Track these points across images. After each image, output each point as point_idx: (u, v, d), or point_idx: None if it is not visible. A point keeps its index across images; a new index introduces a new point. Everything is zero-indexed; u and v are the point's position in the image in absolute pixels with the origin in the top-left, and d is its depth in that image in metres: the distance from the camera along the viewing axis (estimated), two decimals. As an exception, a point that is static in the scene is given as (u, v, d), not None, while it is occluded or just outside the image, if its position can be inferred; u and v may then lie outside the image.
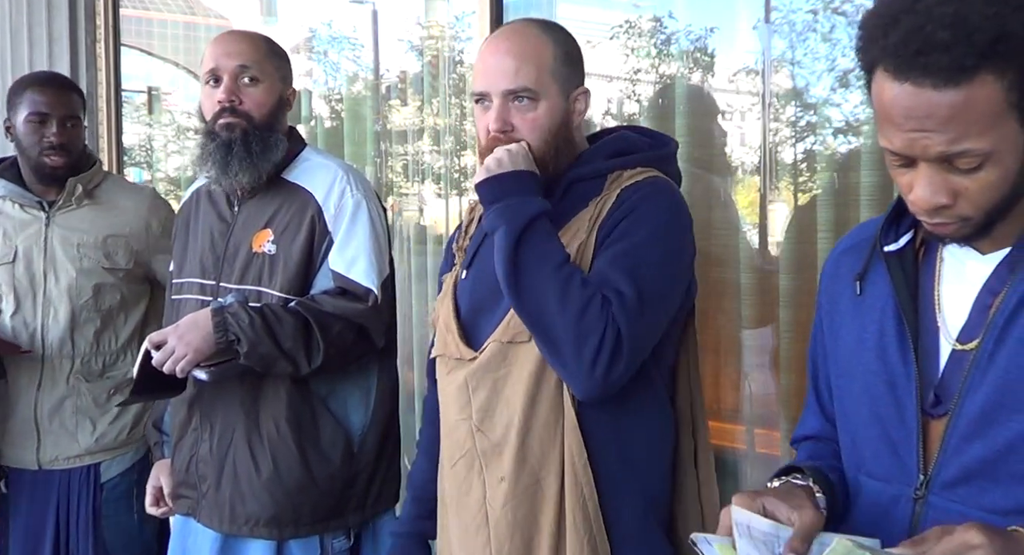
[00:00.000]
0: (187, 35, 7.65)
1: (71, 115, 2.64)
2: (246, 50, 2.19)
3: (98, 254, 2.64)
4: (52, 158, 2.61)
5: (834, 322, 1.37)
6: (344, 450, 2.22)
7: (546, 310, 1.55)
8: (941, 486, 1.18)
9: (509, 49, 1.68)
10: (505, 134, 1.67)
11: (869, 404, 1.28)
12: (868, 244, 1.32)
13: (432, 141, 3.90)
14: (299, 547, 2.23)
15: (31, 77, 2.75)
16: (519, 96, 1.66)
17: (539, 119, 1.67)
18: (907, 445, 1.22)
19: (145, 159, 5.60)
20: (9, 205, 2.68)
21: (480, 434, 1.69)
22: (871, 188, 2.30)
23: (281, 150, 2.20)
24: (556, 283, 1.55)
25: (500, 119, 1.67)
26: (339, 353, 2.13)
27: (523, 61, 1.66)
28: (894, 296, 1.25)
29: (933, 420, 1.20)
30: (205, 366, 2.10)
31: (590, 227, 1.65)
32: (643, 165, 1.73)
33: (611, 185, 1.69)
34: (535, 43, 1.68)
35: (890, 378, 1.24)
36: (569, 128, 1.72)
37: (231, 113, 2.16)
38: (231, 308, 2.10)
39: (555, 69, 1.68)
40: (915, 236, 1.29)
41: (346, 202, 2.19)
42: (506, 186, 1.62)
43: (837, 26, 2.48)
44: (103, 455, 2.68)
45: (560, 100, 1.70)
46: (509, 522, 1.65)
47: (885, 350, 1.26)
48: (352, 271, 2.15)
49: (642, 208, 1.64)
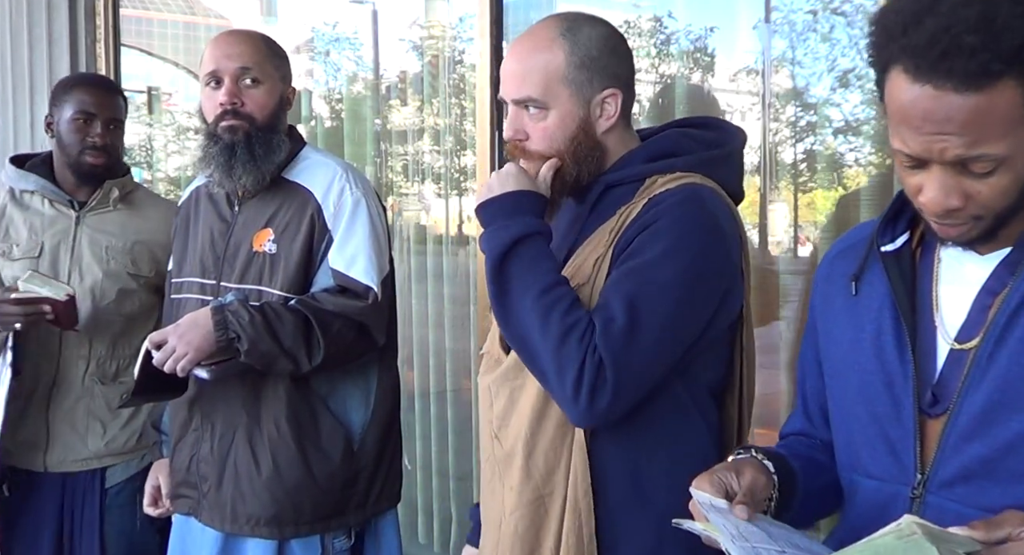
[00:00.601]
0: (187, 35, 7.65)
1: (115, 118, 2.66)
2: (247, 51, 2.19)
3: (125, 259, 2.64)
4: (93, 157, 2.62)
5: (828, 323, 1.36)
6: (344, 449, 2.22)
7: (528, 338, 1.49)
8: (939, 485, 1.18)
9: (519, 55, 1.62)
10: (520, 142, 1.62)
11: (865, 403, 1.27)
12: (863, 245, 1.31)
13: (432, 141, 3.90)
14: (300, 546, 2.23)
15: (79, 77, 2.77)
16: (527, 104, 1.60)
17: (549, 128, 1.60)
18: (905, 444, 1.21)
19: (145, 159, 5.61)
20: (38, 201, 2.68)
21: (496, 441, 1.67)
22: (872, 188, 2.31)
23: (284, 151, 2.20)
24: (537, 310, 1.47)
25: (512, 127, 1.62)
26: (339, 351, 2.14)
27: (529, 69, 1.59)
28: (891, 295, 1.25)
29: (930, 419, 1.20)
30: (206, 365, 2.11)
31: (610, 240, 1.56)
32: (684, 169, 1.60)
33: (642, 193, 1.59)
34: (544, 48, 1.60)
35: (887, 377, 1.24)
36: (591, 135, 1.62)
37: (233, 115, 2.15)
38: (231, 306, 2.09)
39: (568, 76, 1.59)
40: (912, 236, 1.28)
41: (345, 200, 2.18)
42: (494, 210, 1.57)
43: (837, 26, 2.48)
44: (110, 459, 2.66)
45: (576, 107, 1.60)
46: (513, 532, 1.63)
47: (882, 349, 1.25)
48: (352, 269, 2.15)
49: (662, 221, 1.51)
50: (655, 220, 1.51)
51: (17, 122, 4.18)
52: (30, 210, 2.67)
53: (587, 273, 1.56)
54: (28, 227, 2.65)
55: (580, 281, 1.56)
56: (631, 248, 1.51)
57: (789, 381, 2.54)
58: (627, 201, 1.58)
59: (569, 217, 1.70)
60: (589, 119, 1.61)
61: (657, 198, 1.55)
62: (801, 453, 1.40)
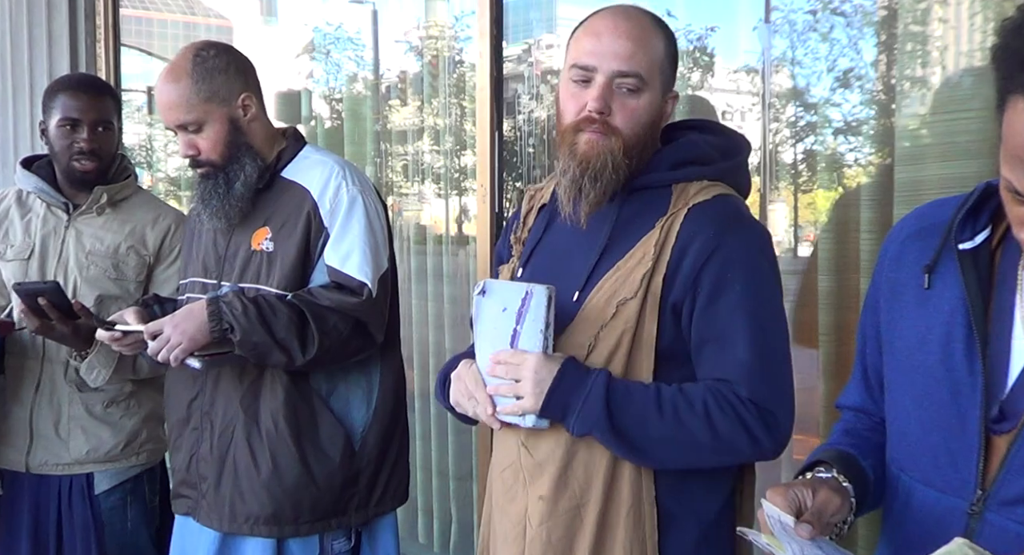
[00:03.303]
0: (187, 35, 7.66)
1: (103, 120, 2.61)
2: (173, 104, 2.17)
3: (106, 263, 2.62)
4: (82, 163, 2.59)
5: (894, 312, 1.30)
6: (344, 448, 2.22)
7: (687, 457, 1.55)
8: (1000, 503, 1.13)
9: (629, 32, 1.60)
10: (602, 115, 1.58)
11: (928, 409, 1.22)
12: (938, 233, 1.24)
13: (432, 141, 3.90)
14: (299, 547, 2.23)
15: (65, 80, 2.72)
16: (626, 82, 1.58)
17: (639, 109, 1.59)
18: (967, 458, 1.16)
19: (145, 159, 5.61)
20: (37, 202, 2.68)
21: (525, 450, 1.65)
22: (871, 188, 2.31)
23: (246, 173, 2.20)
24: (669, 434, 1.52)
25: (602, 99, 1.57)
26: (335, 346, 2.14)
27: (640, 47, 1.59)
28: (965, 299, 1.18)
29: (996, 436, 1.15)
30: (199, 355, 2.12)
31: (656, 253, 1.57)
32: (711, 178, 1.64)
33: (676, 201, 1.60)
34: (652, 33, 1.62)
35: (953, 387, 1.18)
36: (658, 127, 1.65)
37: (196, 164, 2.21)
38: (226, 297, 2.11)
39: (663, 65, 1.62)
40: (992, 234, 1.21)
41: (341, 197, 2.19)
42: (558, 397, 1.54)
43: (837, 26, 2.48)
44: (93, 467, 2.64)
45: (659, 96, 1.62)
46: (543, 542, 1.62)
47: (951, 356, 1.19)
48: (346, 265, 2.16)
49: (726, 251, 1.55)
50: (716, 248, 1.55)
51: (17, 122, 4.18)
52: (29, 212, 2.67)
53: (634, 287, 1.56)
54: (24, 228, 2.65)
55: (627, 295, 1.55)
56: (704, 287, 1.55)
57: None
58: (659, 207, 1.60)
59: (592, 218, 1.65)
60: (662, 112, 1.64)
61: (695, 211, 1.58)
62: (870, 447, 1.35)
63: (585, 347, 1.57)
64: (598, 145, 1.57)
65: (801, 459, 2.51)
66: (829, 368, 2.41)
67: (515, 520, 1.67)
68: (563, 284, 1.59)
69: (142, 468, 2.68)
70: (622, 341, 1.56)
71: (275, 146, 2.27)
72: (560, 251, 1.68)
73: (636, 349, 1.56)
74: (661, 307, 1.55)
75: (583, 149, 1.58)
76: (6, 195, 2.74)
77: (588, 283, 1.60)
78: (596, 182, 1.57)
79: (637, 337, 1.55)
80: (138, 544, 2.69)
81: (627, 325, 1.55)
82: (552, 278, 1.60)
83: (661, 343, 1.56)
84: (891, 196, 2.23)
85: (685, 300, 1.55)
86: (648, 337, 1.56)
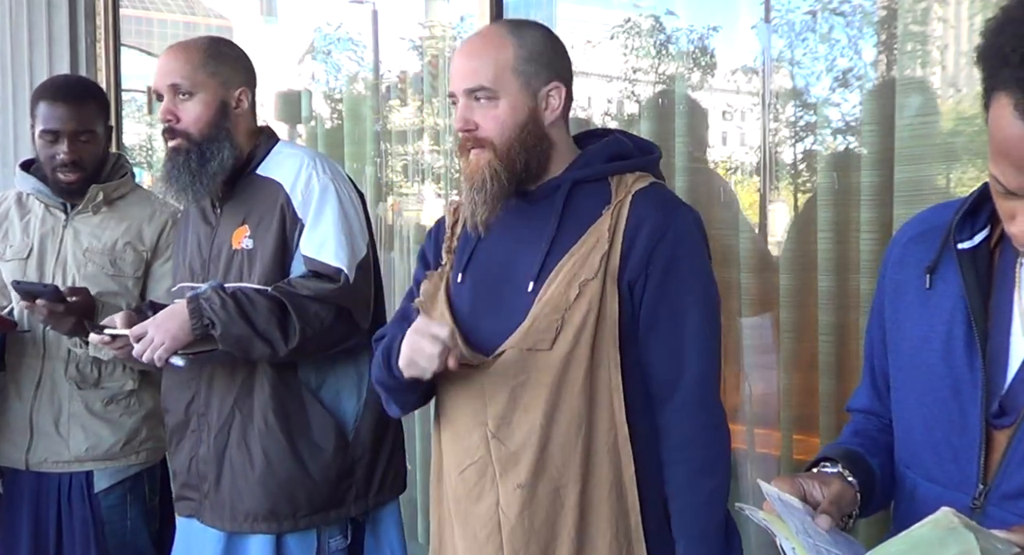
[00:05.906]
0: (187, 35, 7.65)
1: (84, 130, 2.57)
2: (176, 67, 2.21)
3: (103, 260, 2.62)
4: (65, 175, 2.58)
5: (899, 313, 1.32)
6: (337, 440, 2.22)
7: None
8: (1001, 497, 1.15)
9: (470, 51, 1.73)
10: (470, 132, 1.70)
11: (930, 406, 1.24)
12: (939, 235, 1.26)
13: (432, 141, 3.90)
14: (296, 543, 2.24)
15: (47, 86, 2.67)
16: (479, 94, 1.69)
17: (501, 114, 1.69)
18: (968, 453, 1.19)
19: (145, 159, 5.61)
20: (36, 203, 2.68)
21: (496, 441, 1.68)
22: (871, 188, 2.31)
23: (223, 156, 2.21)
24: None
25: (462, 118, 1.71)
26: (318, 334, 2.14)
27: (481, 61, 1.70)
28: (965, 298, 1.20)
29: (996, 430, 1.17)
30: (183, 354, 2.13)
31: (611, 236, 1.67)
32: (642, 170, 1.76)
33: (618, 190, 1.71)
34: (495, 43, 1.72)
35: (955, 383, 1.21)
36: (539, 124, 1.73)
37: (170, 133, 2.21)
38: (205, 294, 2.13)
39: (516, 67, 1.70)
40: (991, 234, 1.23)
41: (313, 187, 2.20)
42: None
43: (836, 26, 2.49)
44: (93, 465, 2.64)
45: (524, 97, 1.71)
46: (526, 529, 1.65)
47: (952, 353, 1.21)
48: (322, 253, 2.17)
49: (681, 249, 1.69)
50: (666, 229, 1.67)
51: (17, 123, 4.18)
52: (28, 212, 2.68)
53: (594, 268, 1.65)
54: (23, 229, 2.66)
55: (588, 276, 1.65)
56: (657, 263, 1.67)
57: (788, 381, 2.55)
58: (601, 197, 1.71)
59: (530, 215, 1.73)
60: (537, 109, 1.72)
61: (639, 197, 1.70)
62: (877, 447, 1.37)
63: (552, 330, 1.64)
64: (477, 161, 1.70)
65: (801, 459, 2.52)
66: (829, 368, 2.42)
67: (485, 518, 1.69)
68: (513, 278, 1.69)
69: (141, 467, 2.68)
70: (587, 320, 1.64)
71: (251, 144, 2.29)
72: (502, 250, 1.75)
73: (601, 327, 1.65)
74: (619, 286, 1.66)
75: (468, 168, 1.72)
76: (6, 197, 2.75)
77: (543, 271, 1.67)
78: (481, 193, 1.69)
79: (601, 315, 1.65)
80: (138, 543, 2.69)
81: (591, 305, 1.64)
82: (500, 275, 1.70)
83: (621, 320, 1.66)
84: (891, 196, 2.23)
85: (638, 278, 1.67)
86: (612, 314, 1.65)
